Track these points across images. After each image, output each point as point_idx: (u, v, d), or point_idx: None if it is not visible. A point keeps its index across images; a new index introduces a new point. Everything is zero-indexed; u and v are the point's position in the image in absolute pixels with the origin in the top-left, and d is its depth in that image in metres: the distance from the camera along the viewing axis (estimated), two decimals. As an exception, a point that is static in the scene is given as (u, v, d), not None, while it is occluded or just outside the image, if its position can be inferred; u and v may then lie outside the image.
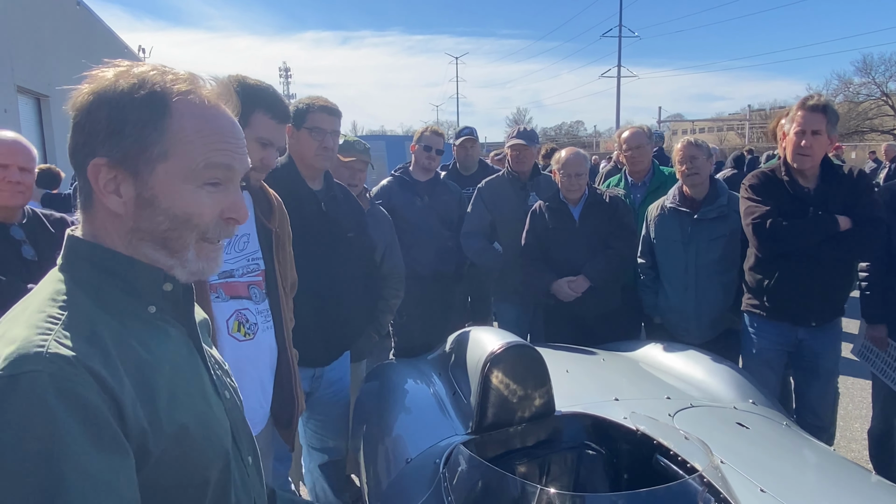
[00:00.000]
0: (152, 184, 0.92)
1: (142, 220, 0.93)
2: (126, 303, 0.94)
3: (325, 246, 2.57)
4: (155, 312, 0.97)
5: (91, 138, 0.91)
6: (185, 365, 0.98)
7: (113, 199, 0.92)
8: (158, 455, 0.86)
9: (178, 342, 0.99)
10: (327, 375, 2.64)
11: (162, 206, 0.93)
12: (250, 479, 1.08)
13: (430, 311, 3.91)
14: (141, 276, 0.95)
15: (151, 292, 0.96)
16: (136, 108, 0.91)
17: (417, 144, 4.02)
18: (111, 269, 0.94)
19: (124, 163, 0.91)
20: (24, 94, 15.03)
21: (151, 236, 0.94)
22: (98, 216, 0.95)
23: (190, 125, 0.93)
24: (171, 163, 0.92)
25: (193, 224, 0.95)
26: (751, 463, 1.92)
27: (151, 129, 0.91)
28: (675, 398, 2.42)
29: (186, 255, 0.96)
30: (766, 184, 3.08)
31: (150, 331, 0.94)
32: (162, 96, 0.92)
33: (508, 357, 2.15)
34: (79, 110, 0.92)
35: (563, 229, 3.61)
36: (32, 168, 2.39)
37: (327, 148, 2.55)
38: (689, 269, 3.40)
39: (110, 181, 0.92)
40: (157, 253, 0.95)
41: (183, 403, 0.92)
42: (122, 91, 0.91)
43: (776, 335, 3.12)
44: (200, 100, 0.95)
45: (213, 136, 0.95)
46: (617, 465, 2.10)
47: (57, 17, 16.83)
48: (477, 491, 1.77)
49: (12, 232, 2.35)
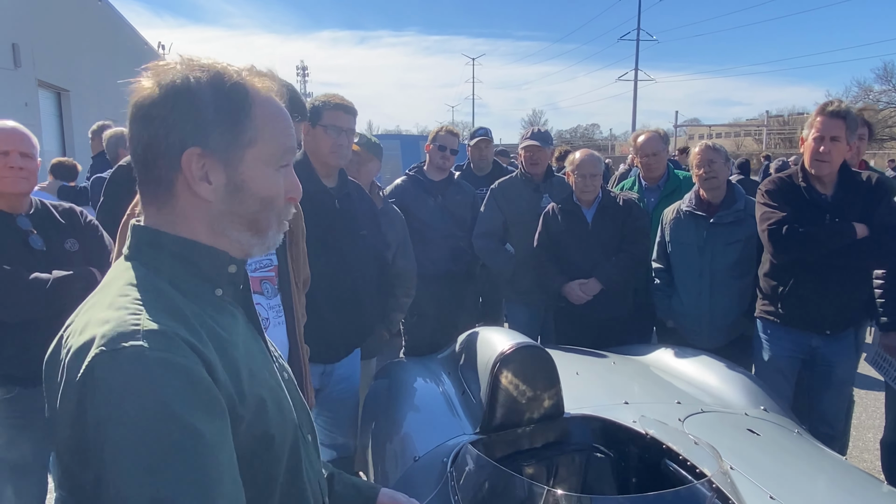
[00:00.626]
0: (242, 169, 0.97)
1: (233, 205, 0.98)
2: (196, 286, 0.98)
3: (338, 243, 2.58)
4: (221, 295, 1.02)
5: (178, 130, 0.94)
6: (253, 344, 1.04)
7: (203, 187, 0.96)
8: (247, 422, 0.91)
9: (242, 324, 1.04)
10: (337, 372, 2.65)
11: (251, 190, 0.99)
12: (312, 456, 1.13)
13: (441, 310, 3.91)
14: (208, 260, 1.00)
15: (218, 275, 1.01)
16: (224, 99, 0.95)
17: (432, 144, 4.03)
18: (180, 254, 0.98)
19: (217, 151, 0.95)
20: (44, 88, 15.21)
21: (240, 219, 1.00)
22: (179, 204, 0.98)
23: (268, 113, 1.00)
24: (257, 148, 0.98)
25: (275, 204, 1.02)
26: (761, 470, 1.91)
27: (241, 118, 0.96)
28: (686, 403, 2.40)
29: (269, 232, 1.03)
30: (782, 189, 3.05)
31: (220, 312, 0.99)
32: (244, 87, 0.98)
33: (518, 358, 2.15)
34: (150, 104, 0.94)
35: (576, 231, 3.60)
36: (34, 155, 2.40)
37: (342, 145, 2.56)
38: (704, 273, 3.38)
39: (201, 169, 0.96)
40: (241, 234, 1.01)
41: (258, 379, 0.97)
42: (205, 84, 0.95)
43: (790, 342, 3.09)
44: (266, 89, 1.01)
45: (283, 122, 1.02)
46: (625, 468, 2.09)
47: (78, 12, 17.01)
48: (484, 491, 1.77)
49: (19, 222, 2.36)
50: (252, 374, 0.95)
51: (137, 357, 0.79)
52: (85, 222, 2.54)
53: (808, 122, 3.01)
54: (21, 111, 12.51)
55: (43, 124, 14.11)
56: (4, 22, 12.81)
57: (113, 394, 0.77)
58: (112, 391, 0.78)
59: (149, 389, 0.78)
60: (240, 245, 1.02)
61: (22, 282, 2.22)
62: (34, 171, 2.40)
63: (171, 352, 0.81)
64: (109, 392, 0.78)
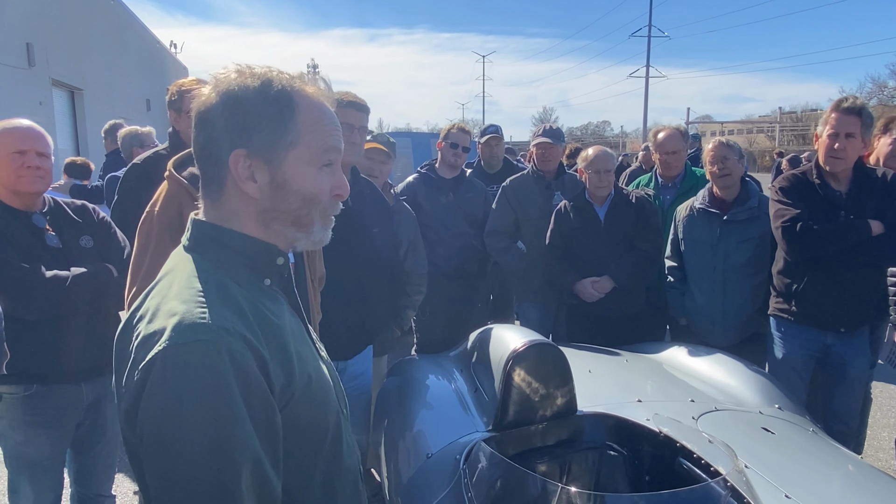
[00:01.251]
0: (284, 169, 1.05)
1: (277, 202, 1.07)
2: (249, 276, 1.08)
3: (350, 241, 2.58)
4: (269, 285, 1.11)
5: (228, 133, 1.04)
6: (297, 329, 1.13)
7: (250, 185, 1.05)
8: (296, 399, 1.01)
9: (287, 311, 1.14)
10: (350, 369, 2.66)
11: (293, 188, 1.06)
12: (349, 432, 1.22)
13: (452, 308, 3.91)
14: (258, 252, 1.09)
15: (267, 266, 1.11)
16: (270, 104, 1.04)
17: (444, 141, 4.03)
18: (233, 246, 1.07)
19: (261, 152, 1.04)
20: (58, 87, 15.32)
21: (284, 214, 1.08)
22: (230, 201, 1.08)
23: (312, 116, 1.07)
24: (299, 149, 1.06)
25: (318, 202, 1.09)
26: (776, 468, 1.90)
27: (285, 122, 1.05)
28: (700, 401, 2.39)
29: (313, 227, 1.11)
30: (796, 186, 3.03)
31: (271, 301, 1.08)
32: (289, 94, 1.06)
33: (531, 355, 2.15)
34: (207, 109, 1.05)
35: (588, 229, 3.59)
36: (49, 154, 2.42)
37: (354, 143, 2.57)
38: (718, 271, 3.36)
39: (247, 169, 1.04)
40: (286, 229, 1.09)
41: (304, 359, 1.06)
42: (253, 90, 1.04)
43: (804, 340, 3.07)
44: (315, 95, 1.09)
45: (327, 125, 1.09)
46: (638, 466, 2.09)
47: (91, 11, 17.11)
48: (497, 488, 1.78)
49: (34, 220, 2.38)
50: (300, 355, 1.05)
51: (205, 352, 0.89)
52: (98, 219, 2.56)
53: (823, 118, 2.99)
54: (35, 110, 12.62)
55: (57, 123, 14.24)
56: (19, 22, 12.92)
57: (178, 383, 0.87)
58: (177, 381, 0.87)
59: (209, 383, 0.88)
60: (285, 239, 1.11)
61: (42, 279, 2.24)
62: (50, 170, 2.42)
63: (233, 349, 0.91)
64: (175, 381, 0.88)
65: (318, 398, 1.07)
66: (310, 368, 1.06)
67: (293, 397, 1.00)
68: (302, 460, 1.04)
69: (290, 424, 0.99)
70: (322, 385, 1.09)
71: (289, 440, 0.99)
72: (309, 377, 1.04)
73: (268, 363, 0.95)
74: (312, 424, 1.05)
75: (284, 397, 0.98)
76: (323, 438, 1.08)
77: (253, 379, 0.92)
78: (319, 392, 1.07)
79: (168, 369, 0.88)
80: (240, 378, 0.90)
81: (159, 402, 0.88)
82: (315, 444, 1.07)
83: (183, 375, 0.87)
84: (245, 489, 0.89)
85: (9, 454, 2.44)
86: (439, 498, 1.89)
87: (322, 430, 1.08)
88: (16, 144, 2.32)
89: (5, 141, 2.33)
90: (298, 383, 1.01)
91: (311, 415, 1.04)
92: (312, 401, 1.05)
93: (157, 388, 0.88)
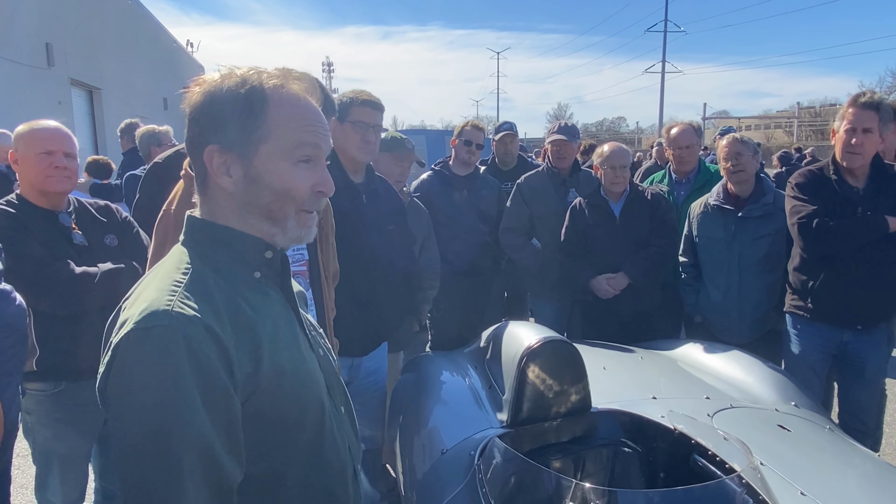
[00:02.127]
0: (256, 163, 1.09)
1: (250, 195, 1.10)
2: (237, 269, 1.11)
3: (365, 238, 2.60)
4: (260, 278, 1.14)
5: (205, 130, 1.09)
6: (284, 322, 1.14)
7: (225, 180, 1.09)
8: (263, 388, 1.02)
9: (278, 304, 1.16)
10: (365, 365, 2.68)
11: (265, 182, 1.09)
12: (343, 425, 1.24)
13: (466, 305, 3.92)
14: (247, 246, 1.12)
15: (256, 260, 1.14)
16: (240, 101, 1.08)
17: (458, 139, 4.04)
18: (223, 241, 1.11)
19: (233, 147, 1.08)
20: (77, 86, 15.49)
21: (258, 208, 1.11)
22: (212, 196, 1.12)
23: (284, 112, 1.10)
24: (270, 144, 1.09)
25: (291, 196, 1.11)
26: (792, 466, 1.89)
27: (254, 117, 1.08)
28: (715, 398, 2.39)
29: (287, 223, 1.12)
30: (813, 182, 3.01)
31: (255, 293, 1.11)
32: (260, 90, 1.09)
33: (545, 352, 2.16)
34: (193, 108, 1.10)
35: (604, 226, 3.58)
36: (75, 154, 2.46)
37: (369, 141, 2.58)
38: (733, 268, 3.34)
39: (222, 164, 1.09)
40: (262, 223, 1.12)
41: (281, 351, 1.08)
42: (227, 89, 1.08)
43: (820, 338, 3.04)
44: (291, 91, 1.12)
45: (302, 120, 1.11)
46: (653, 463, 2.09)
47: (109, 11, 17.27)
48: (511, 484, 1.79)
49: (61, 219, 2.43)
50: (274, 346, 1.06)
51: (161, 337, 0.93)
52: (121, 218, 2.60)
53: (840, 113, 2.96)
54: (55, 109, 12.77)
55: (76, 122, 14.39)
56: (38, 22, 13.07)
57: (133, 365, 0.93)
58: (132, 363, 0.93)
59: (167, 367, 0.92)
60: (263, 233, 1.13)
61: (72, 275, 2.28)
62: (76, 170, 2.47)
63: (191, 336, 0.94)
64: (131, 363, 0.93)
65: (293, 391, 1.08)
66: (284, 360, 1.07)
67: (258, 387, 1.01)
68: (271, 451, 1.06)
69: (256, 414, 1.01)
70: (300, 378, 1.10)
71: (255, 429, 1.02)
72: (281, 369, 1.06)
73: (230, 352, 0.97)
74: (283, 416, 1.06)
75: (249, 387, 1.00)
76: (297, 431, 1.09)
77: (207, 365, 0.94)
78: (296, 385, 1.08)
79: (127, 352, 0.93)
80: (193, 363, 0.93)
81: (116, 383, 0.94)
82: (287, 436, 1.07)
83: (137, 358, 0.93)
84: (189, 470, 0.91)
85: (38, 450, 2.48)
86: (454, 493, 1.90)
87: (295, 423, 1.08)
88: (44, 145, 2.36)
89: (33, 142, 2.37)
90: (267, 374, 1.02)
91: (281, 407, 1.05)
92: (284, 393, 1.06)
93: (116, 370, 0.94)
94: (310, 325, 1.25)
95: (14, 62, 11.93)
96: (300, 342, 1.16)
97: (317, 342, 1.25)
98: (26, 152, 2.37)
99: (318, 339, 1.26)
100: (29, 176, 2.37)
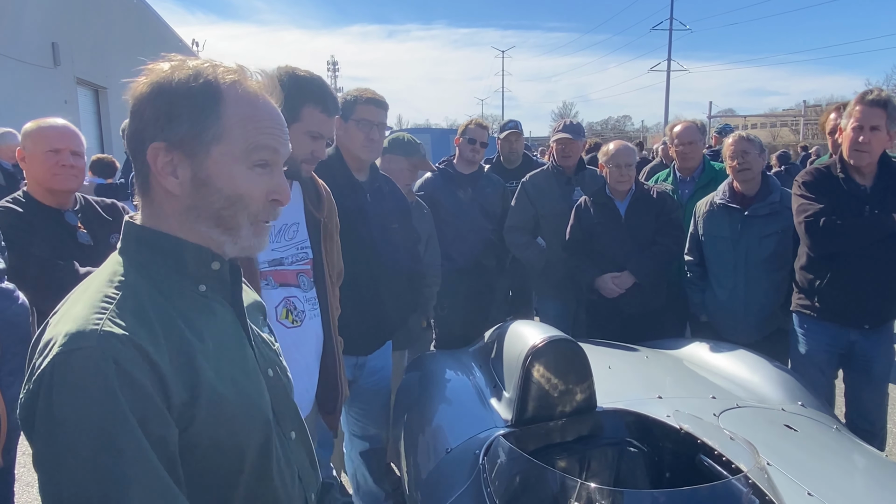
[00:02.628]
0: (207, 164, 0.99)
1: (198, 199, 1.00)
2: (177, 282, 1.01)
3: (369, 237, 2.60)
4: (205, 291, 1.04)
5: (150, 125, 0.98)
6: (229, 341, 1.05)
7: (170, 181, 0.99)
8: (200, 419, 0.93)
9: (224, 320, 1.06)
10: (369, 364, 2.68)
11: (216, 186, 1.00)
12: (293, 452, 1.15)
13: (471, 303, 3.92)
14: (190, 256, 1.02)
15: (201, 271, 1.03)
16: (193, 96, 0.98)
17: (462, 137, 4.03)
18: (163, 249, 1.01)
19: (181, 146, 0.98)
20: (83, 85, 15.55)
21: (207, 214, 1.01)
22: (155, 198, 1.02)
23: (241, 111, 1.00)
24: (223, 145, 0.99)
25: (244, 203, 1.02)
26: (798, 466, 1.88)
27: (207, 114, 0.98)
28: (721, 398, 2.38)
29: (240, 232, 1.03)
30: (820, 180, 2.99)
31: (197, 309, 1.01)
32: (215, 86, 0.99)
33: (550, 351, 2.15)
34: (137, 99, 0.99)
35: (609, 224, 3.57)
36: (83, 153, 2.47)
37: (373, 140, 2.58)
38: (739, 267, 3.33)
39: (167, 164, 0.98)
40: (210, 230, 1.02)
41: (222, 375, 0.98)
42: (178, 81, 0.98)
43: (827, 337, 3.03)
44: (249, 89, 1.02)
45: (260, 122, 1.02)
46: (659, 463, 2.08)
47: (115, 11, 17.32)
48: (516, 483, 1.78)
49: (67, 218, 2.43)
50: (218, 373, 0.97)
51: (86, 360, 0.84)
52: None
53: (847, 111, 2.94)
54: (61, 108, 12.81)
55: (82, 121, 14.43)
56: (44, 21, 13.12)
57: (61, 392, 0.83)
58: (61, 390, 0.83)
59: (92, 391, 0.83)
60: (213, 241, 1.03)
61: (77, 275, 2.29)
62: (83, 168, 2.48)
63: (120, 357, 0.85)
64: (59, 390, 0.83)
65: (234, 421, 0.98)
66: (226, 388, 0.98)
67: (195, 419, 0.92)
68: (210, 486, 0.97)
69: (193, 445, 0.93)
70: (243, 407, 1.00)
71: (193, 462, 0.93)
72: (221, 398, 0.96)
73: (166, 377, 0.89)
74: (223, 448, 0.97)
75: (185, 417, 0.91)
76: (239, 463, 1.00)
77: (140, 387, 0.86)
78: (237, 414, 0.99)
79: (53, 377, 0.84)
80: (125, 387, 0.84)
81: (45, 414, 0.83)
82: (228, 468, 0.99)
83: (66, 384, 0.83)
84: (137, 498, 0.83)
85: None
86: (459, 492, 1.90)
87: (236, 455, 1.00)
88: (51, 143, 2.37)
89: (41, 140, 2.38)
90: (204, 405, 0.93)
91: (220, 438, 0.96)
92: (224, 423, 0.96)
93: (44, 397, 0.84)
94: (262, 343, 1.16)
95: (20, 61, 11.98)
96: (247, 364, 1.07)
97: (268, 361, 1.14)
98: (34, 150, 2.37)
99: (271, 358, 1.16)
100: (36, 174, 2.37)
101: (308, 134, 1.99)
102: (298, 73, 2.03)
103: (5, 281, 1.89)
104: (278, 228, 2.04)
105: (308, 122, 1.99)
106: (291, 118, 1.97)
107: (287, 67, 2.05)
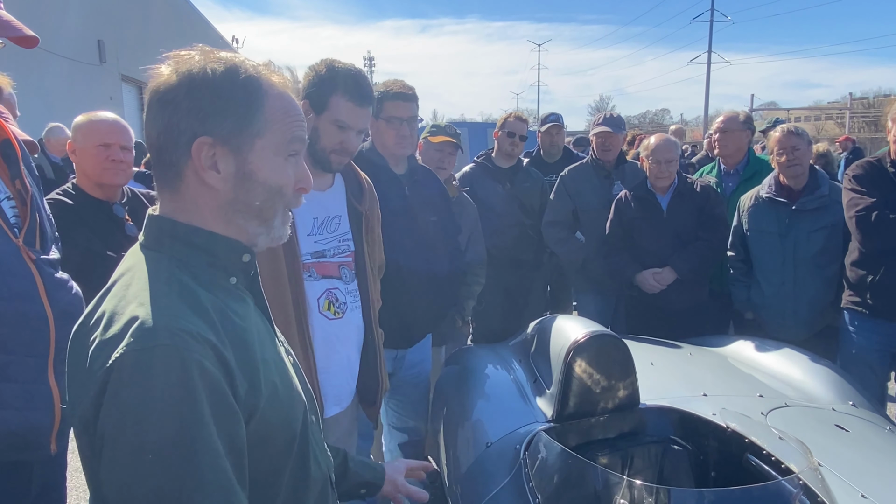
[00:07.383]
0: (251, 159, 1.00)
1: (240, 193, 1.01)
2: (212, 275, 1.02)
3: (408, 230, 2.60)
4: (235, 283, 1.06)
5: (191, 117, 0.97)
6: (264, 331, 1.08)
7: (211, 175, 0.99)
8: (260, 408, 0.95)
9: (254, 311, 1.08)
10: (409, 357, 2.68)
11: (259, 179, 1.02)
12: (317, 433, 1.18)
13: (508, 298, 3.89)
14: (223, 249, 1.03)
15: (233, 264, 1.05)
16: (238, 90, 0.99)
17: (501, 130, 4.00)
18: (196, 243, 1.01)
19: (228, 140, 0.99)
20: (127, 82, 15.91)
21: (247, 207, 1.03)
22: (188, 192, 1.01)
23: (280, 105, 1.03)
24: (266, 138, 1.01)
25: (283, 193, 1.05)
26: (851, 467, 1.82)
27: (254, 109, 1.00)
28: (769, 396, 2.32)
29: (274, 222, 1.06)
30: (871, 174, 2.91)
31: (235, 300, 1.03)
32: (258, 81, 1.01)
33: (592, 346, 2.12)
34: (169, 89, 0.98)
35: (650, 219, 3.51)
36: (132, 147, 2.51)
37: (405, 136, 2.58)
38: (787, 262, 3.24)
39: (208, 158, 0.98)
40: (248, 223, 1.04)
41: (270, 365, 1.01)
42: (220, 75, 0.98)
43: (879, 335, 2.94)
44: (281, 84, 1.06)
45: (294, 114, 1.05)
46: (704, 462, 2.04)
47: (158, 8, 17.67)
48: (558, 478, 1.77)
49: (115, 210, 2.48)
50: (265, 361, 1.00)
51: (167, 358, 0.84)
52: None
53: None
54: (106, 105, 13.08)
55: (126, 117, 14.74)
56: (90, 19, 13.45)
57: (140, 390, 0.82)
58: (140, 388, 0.82)
59: (173, 390, 0.82)
60: (247, 234, 1.05)
61: None
62: (131, 163, 2.52)
63: (198, 355, 0.86)
64: (138, 388, 0.82)
65: (284, 407, 1.01)
66: (274, 375, 1.00)
67: (257, 409, 0.94)
68: (267, 474, 0.99)
69: (256, 436, 0.94)
70: (288, 392, 1.04)
71: (254, 452, 0.94)
72: (274, 385, 0.99)
73: (233, 370, 0.90)
74: (278, 436, 0.99)
75: (248, 408, 0.92)
76: (289, 449, 1.03)
77: (218, 386, 0.86)
78: (286, 400, 1.02)
79: (129, 376, 0.82)
80: (206, 385, 0.84)
81: (119, 412, 0.82)
82: (280, 455, 1.01)
83: (145, 382, 0.82)
84: None
85: None
86: (499, 487, 1.89)
87: (288, 441, 1.02)
88: (101, 137, 2.41)
89: (91, 133, 2.42)
90: (263, 394, 0.95)
91: (276, 426, 0.98)
92: (279, 410, 0.99)
93: (117, 397, 0.82)
94: (278, 332, 1.18)
95: (68, 59, 12.30)
96: (279, 350, 1.09)
97: (287, 350, 1.17)
98: (84, 143, 2.42)
99: (287, 347, 1.19)
100: (86, 167, 2.42)
101: (335, 123, 1.98)
102: (335, 65, 2.03)
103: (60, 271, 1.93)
104: (321, 221, 2.05)
105: (335, 110, 1.97)
106: (320, 107, 1.97)
107: (328, 59, 2.06)
